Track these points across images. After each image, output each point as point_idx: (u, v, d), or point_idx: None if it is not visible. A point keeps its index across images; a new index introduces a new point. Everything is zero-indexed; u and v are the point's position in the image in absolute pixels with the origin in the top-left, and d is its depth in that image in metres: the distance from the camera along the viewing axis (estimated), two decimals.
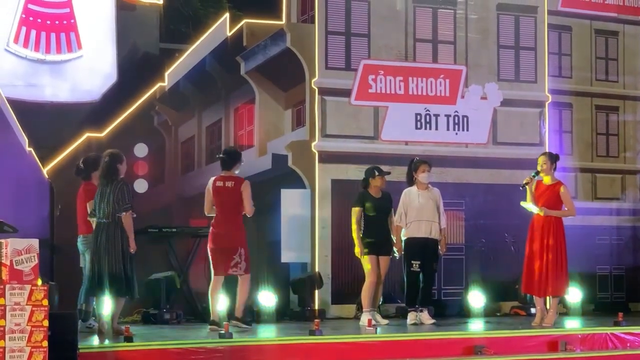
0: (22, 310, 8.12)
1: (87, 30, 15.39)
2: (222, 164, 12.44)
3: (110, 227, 11.30)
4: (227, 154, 12.54)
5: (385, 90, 15.23)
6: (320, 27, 14.98)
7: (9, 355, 8.06)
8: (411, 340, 12.14)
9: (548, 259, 12.70)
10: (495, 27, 15.94)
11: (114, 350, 10.57)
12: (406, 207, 12.98)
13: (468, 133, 15.55)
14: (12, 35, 14.75)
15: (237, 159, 12.51)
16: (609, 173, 16.93)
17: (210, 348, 11.01)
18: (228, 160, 12.46)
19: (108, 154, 11.66)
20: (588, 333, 12.85)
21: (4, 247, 8.26)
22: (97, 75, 15.39)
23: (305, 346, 11.50)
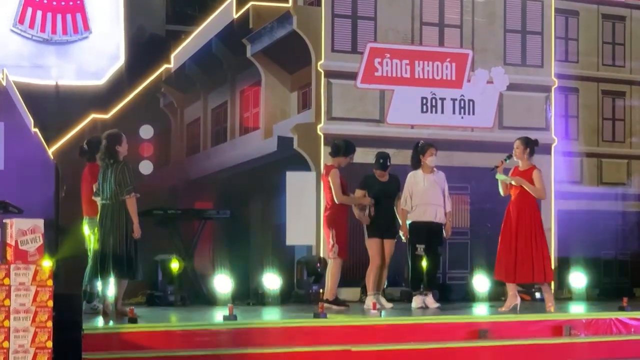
0: (26, 290, 8.12)
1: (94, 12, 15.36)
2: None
3: (115, 209, 11.29)
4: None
5: (391, 74, 15.21)
6: (327, 9, 14.95)
7: (14, 335, 8.06)
8: (415, 324, 12.13)
9: (524, 245, 12.60)
10: (502, 11, 15.90)
11: (118, 332, 10.57)
12: (411, 191, 12.95)
13: (474, 117, 15.53)
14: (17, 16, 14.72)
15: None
16: (615, 158, 16.94)
17: (215, 330, 11.01)
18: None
19: (106, 135, 11.61)
20: (592, 318, 12.83)
21: (9, 228, 8.26)
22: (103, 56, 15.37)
23: (309, 329, 11.49)
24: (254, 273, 14.51)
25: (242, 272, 14.34)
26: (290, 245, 14.75)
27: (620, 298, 14.07)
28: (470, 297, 14.47)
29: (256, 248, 15.10)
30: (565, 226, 15.90)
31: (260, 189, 15.23)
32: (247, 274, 14.46)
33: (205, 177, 15.18)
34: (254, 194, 15.28)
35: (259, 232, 15.18)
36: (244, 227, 15.06)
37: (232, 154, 15.51)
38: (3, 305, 8.05)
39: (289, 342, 11.11)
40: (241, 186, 15.19)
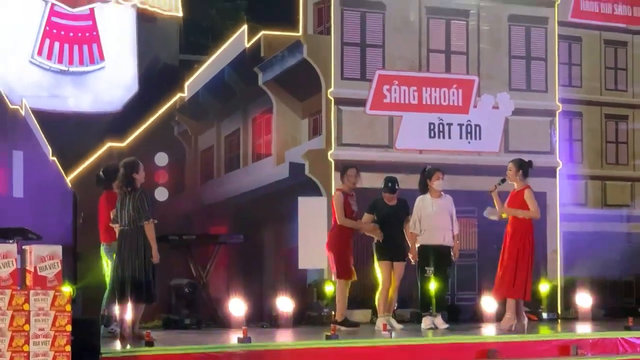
0: (45, 316, 8.15)
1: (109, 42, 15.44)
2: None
3: (133, 235, 11.30)
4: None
5: (400, 100, 15.25)
6: (336, 38, 15.02)
7: (34, 356, 8.09)
8: (425, 345, 12.14)
9: (507, 264, 12.54)
10: (506, 38, 15.95)
11: (135, 355, 10.60)
12: (420, 215, 12.97)
13: (481, 142, 15.55)
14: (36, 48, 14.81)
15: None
16: (619, 180, 16.92)
17: (230, 352, 11.04)
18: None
19: (123, 163, 11.66)
20: (599, 338, 12.83)
21: (28, 254, 8.30)
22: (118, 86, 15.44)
23: (321, 350, 11.50)
24: (267, 296, 14.54)
25: (255, 295, 14.38)
26: (302, 269, 14.77)
27: (625, 318, 14.06)
28: (479, 317, 14.45)
29: (269, 272, 15.14)
30: (570, 247, 15.89)
31: (272, 214, 15.26)
32: (261, 297, 14.49)
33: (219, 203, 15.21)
34: (267, 219, 15.32)
35: (272, 256, 15.21)
36: (257, 252, 15.08)
37: (246, 180, 15.55)
38: (23, 330, 8.08)
39: None
40: (254, 212, 15.23)
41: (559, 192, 15.90)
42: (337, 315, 13.09)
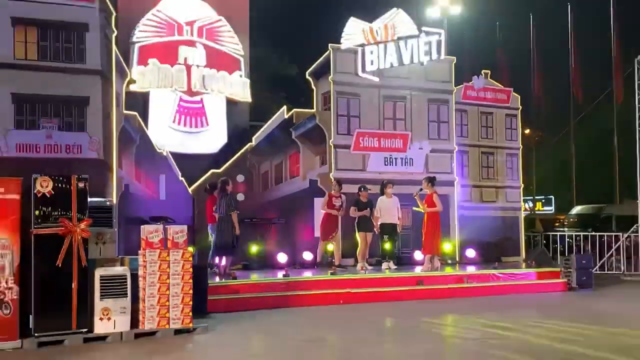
0: (178, 263, 8.20)
1: (211, 115, 15.51)
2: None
3: (225, 220, 11.42)
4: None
5: (369, 145, 15.24)
6: (334, 112, 15.03)
7: (172, 287, 8.13)
8: (384, 277, 12.18)
9: (427, 235, 12.55)
10: (426, 111, 15.91)
11: (227, 284, 10.67)
12: (380, 207, 13.05)
13: (412, 167, 15.51)
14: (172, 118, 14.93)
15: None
16: (489, 188, 16.89)
17: (278, 282, 11.08)
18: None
19: (221, 180, 11.80)
20: (479, 273, 12.87)
21: (168, 230, 8.35)
22: (217, 139, 15.50)
23: (328, 281, 11.58)
24: (298, 251, 14.56)
25: (291, 250, 14.39)
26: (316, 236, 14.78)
27: (494, 262, 14.10)
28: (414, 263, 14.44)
29: (299, 238, 15.12)
30: (464, 224, 15.87)
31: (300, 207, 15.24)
32: (294, 251, 14.49)
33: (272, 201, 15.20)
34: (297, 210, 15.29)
35: (301, 230, 15.19)
36: (291, 227, 15.07)
37: (285, 189, 15.56)
38: (166, 271, 8.15)
39: (317, 288, 11.20)
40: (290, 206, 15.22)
41: (456, 194, 15.89)
42: (336, 261, 13.11)
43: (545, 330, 8.31)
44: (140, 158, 13.83)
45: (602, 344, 7.28)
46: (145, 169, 14.03)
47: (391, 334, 7.98)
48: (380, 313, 9.84)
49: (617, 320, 9.14)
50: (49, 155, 11.81)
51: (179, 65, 15.20)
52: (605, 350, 6.94)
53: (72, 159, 11.93)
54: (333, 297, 10.86)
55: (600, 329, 8.33)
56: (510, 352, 6.89)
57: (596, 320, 9.17)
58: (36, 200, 7.51)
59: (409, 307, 10.40)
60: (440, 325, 8.72)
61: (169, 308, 8.05)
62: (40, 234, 7.50)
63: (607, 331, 8.22)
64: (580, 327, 8.47)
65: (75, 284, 7.61)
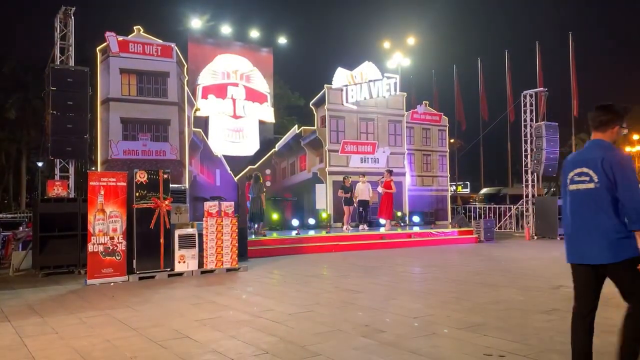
0: (228, 226, 8.18)
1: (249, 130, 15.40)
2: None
3: (256, 199, 11.39)
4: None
5: (350, 150, 15.19)
6: (328, 129, 14.96)
7: (225, 241, 8.09)
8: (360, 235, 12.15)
9: (383, 207, 12.53)
10: (387, 127, 15.84)
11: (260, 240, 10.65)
12: (358, 189, 13.01)
13: (378, 164, 15.46)
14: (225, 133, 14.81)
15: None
16: (428, 176, 16.82)
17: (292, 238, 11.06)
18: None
19: (255, 173, 11.75)
20: (421, 232, 12.84)
21: (222, 204, 8.33)
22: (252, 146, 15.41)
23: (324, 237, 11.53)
24: (306, 218, 14.53)
25: (301, 217, 14.37)
26: (317, 208, 14.78)
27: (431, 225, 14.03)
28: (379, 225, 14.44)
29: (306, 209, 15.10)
30: (411, 200, 15.85)
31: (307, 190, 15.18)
32: (303, 218, 14.48)
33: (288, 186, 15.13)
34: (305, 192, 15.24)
35: (308, 205, 15.16)
36: (301, 203, 15.04)
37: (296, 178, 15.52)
38: (220, 231, 8.13)
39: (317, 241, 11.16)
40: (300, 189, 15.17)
41: (406, 181, 15.83)
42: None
43: (464, 267, 8.35)
44: (203, 159, 13.82)
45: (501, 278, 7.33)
46: (207, 165, 14.02)
47: (364, 271, 8.03)
48: (358, 258, 9.84)
49: (506, 259, 9.19)
50: (144, 157, 11.86)
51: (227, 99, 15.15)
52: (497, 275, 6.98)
53: (159, 160, 11.96)
54: (328, 248, 10.88)
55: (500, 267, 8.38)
56: (442, 281, 6.94)
57: (493, 259, 9.21)
58: (136, 186, 7.53)
59: (376, 254, 10.40)
60: (396, 265, 8.76)
61: (222, 255, 8.07)
62: (139, 208, 7.54)
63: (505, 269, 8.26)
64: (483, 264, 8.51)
65: (162, 239, 7.65)
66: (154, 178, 7.66)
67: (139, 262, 7.51)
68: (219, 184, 14.04)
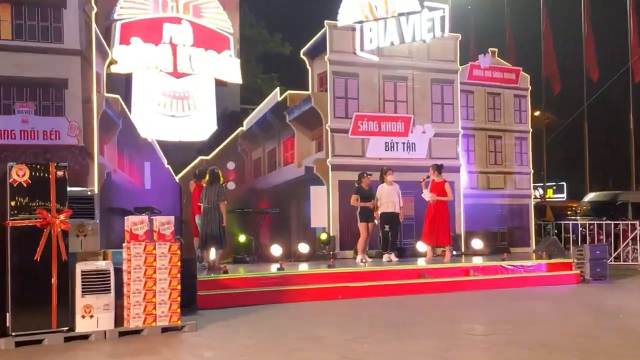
0: (165, 257, 8.20)
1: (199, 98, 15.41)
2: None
3: (212, 210, 11.46)
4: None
5: (368, 129, 15.27)
6: (331, 94, 15.05)
7: (158, 282, 8.12)
8: (385, 270, 12.23)
9: (438, 225, 12.80)
10: (429, 92, 15.93)
11: (217, 279, 10.69)
12: (380, 195, 13.09)
13: (415, 152, 15.56)
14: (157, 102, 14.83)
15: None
16: (496, 174, 16.91)
17: (271, 276, 11.11)
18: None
19: (211, 168, 11.81)
20: (486, 265, 12.94)
21: (154, 221, 8.34)
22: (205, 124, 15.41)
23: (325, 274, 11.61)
24: (294, 243, 14.58)
25: (286, 242, 14.42)
26: (313, 227, 14.82)
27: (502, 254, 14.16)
28: (415, 254, 14.47)
29: (294, 229, 15.11)
30: (469, 213, 15.94)
31: (295, 195, 15.19)
32: (289, 243, 14.51)
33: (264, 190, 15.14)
34: (292, 199, 15.26)
35: (296, 220, 15.17)
36: (286, 218, 15.06)
37: (279, 176, 15.49)
38: (152, 265, 8.15)
39: (314, 282, 11.24)
40: (285, 195, 15.19)
41: (461, 181, 15.93)
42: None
43: (559, 325, 8.34)
44: (123, 144, 13.77)
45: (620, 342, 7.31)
46: (129, 156, 13.98)
47: (392, 331, 8.01)
48: (380, 308, 9.88)
49: (635, 316, 9.17)
50: (25, 141, 11.75)
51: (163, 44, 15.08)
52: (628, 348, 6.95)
53: (50, 146, 11.88)
54: (331, 292, 10.88)
55: (617, 325, 8.36)
56: (522, 347, 6.92)
57: (606, 311, 9.21)
58: (12, 189, 7.49)
59: (412, 302, 10.45)
60: (445, 321, 8.75)
61: (155, 305, 8.06)
62: (16, 226, 7.49)
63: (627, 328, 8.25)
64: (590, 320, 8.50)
65: (54, 279, 7.61)
66: (42, 177, 7.64)
67: (17, 317, 7.44)
68: (149, 187, 14.01)
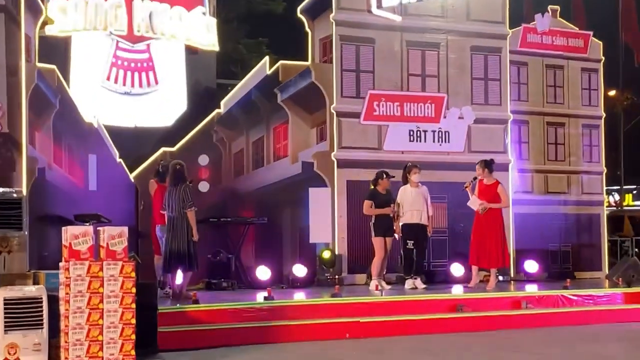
0: (115, 281, 8.21)
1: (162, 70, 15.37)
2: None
3: (178, 220, 11.45)
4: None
5: (386, 113, 15.27)
6: (337, 66, 15.06)
7: (106, 315, 8.13)
8: (408, 301, 12.18)
9: (492, 242, 12.85)
10: (469, 63, 15.95)
11: (184, 311, 10.66)
12: (402, 200, 13.07)
13: (449, 144, 15.57)
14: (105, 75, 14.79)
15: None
16: (558, 173, 16.89)
17: (258, 308, 11.09)
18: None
19: (173, 164, 11.80)
20: (543, 295, 12.89)
21: (101, 233, 8.35)
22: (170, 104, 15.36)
23: (328, 306, 11.57)
24: (286, 264, 14.59)
25: (277, 263, 14.43)
26: (312, 243, 14.81)
27: (564, 279, 14.13)
28: (449, 280, 14.47)
29: (287, 245, 15.13)
30: (521, 226, 15.91)
31: (289, 201, 15.21)
32: (281, 264, 14.53)
33: (248, 193, 15.14)
34: (285, 205, 15.28)
35: (289, 233, 15.19)
36: (277, 230, 15.07)
37: (268, 175, 15.51)
38: (98, 292, 8.14)
39: (313, 315, 11.20)
40: (275, 199, 15.19)
41: (511, 182, 15.91)
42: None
43: None
44: (61, 131, 13.79)
45: None
46: (68, 146, 14.00)
47: None
48: (401, 352, 9.85)
49: None
50: None
51: None
52: None
53: None
54: (335, 330, 10.84)
55: None
56: None
57: None
58: None
59: (443, 344, 10.40)
60: None
61: (102, 345, 8.06)
62: None
63: None
64: None
65: None
66: None
67: None
68: (94, 188, 14.02)
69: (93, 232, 8.29)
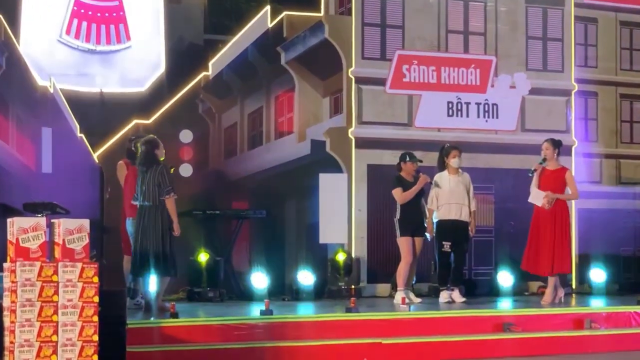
0: (73, 287, 8.16)
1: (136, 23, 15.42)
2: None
3: (152, 210, 11.38)
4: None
5: (419, 79, 15.24)
6: (357, 19, 15.00)
7: (62, 329, 8.10)
8: (443, 318, 12.14)
9: (553, 241, 12.79)
10: (523, 19, 15.89)
11: (160, 326, 10.65)
12: (437, 191, 12.99)
13: (498, 120, 15.53)
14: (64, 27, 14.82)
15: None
16: (633, 159, 16.85)
17: (253, 324, 11.06)
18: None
19: (144, 141, 11.72)
20: (612, 311, 12.82)
21: (56, 227, 8.32)
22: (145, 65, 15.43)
23: (341, 323, 11.53)
24: (289, 270, 14.59)
25: (277, 269, 14.42)
26: (323, 244, 14.80)
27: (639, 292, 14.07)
28: (495, 292, 14.44)
29: (291, 246, 15.16)
30: (585, 224, 15.87)
31: (294, 190, 15.24)
32: (283, 271, 14.54)
33: (242, 179, 15.18)
34: (289, 195, 15.32)
35: (294, 231, 15.22)
36: (279, 226, 15.11)
37: (268, 157, 15.57)
38: (52, 301, 8.10)
39: (322, 335, 11.15)
40: (276, 187, 15.24)
41: (574, 170, 15.81)
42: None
43: None
44: (8, 97, 13.78)
45: None
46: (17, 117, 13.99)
47: None
48: None
49: None
50: None
51: None
52: None
53: None
54: (351, 353, 10.81)
55: None
56: None
57: None
58: None
59: None
60: None
61: None
62: None
63: None
64: None
65: None
66: None
67: None
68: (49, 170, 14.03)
69: (46, 225, 8.26)
